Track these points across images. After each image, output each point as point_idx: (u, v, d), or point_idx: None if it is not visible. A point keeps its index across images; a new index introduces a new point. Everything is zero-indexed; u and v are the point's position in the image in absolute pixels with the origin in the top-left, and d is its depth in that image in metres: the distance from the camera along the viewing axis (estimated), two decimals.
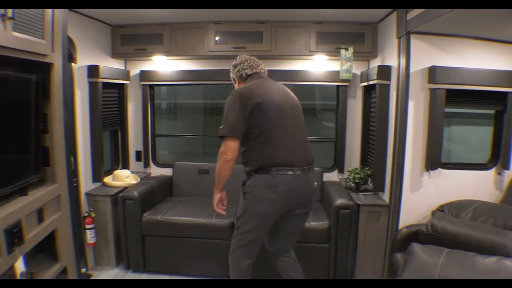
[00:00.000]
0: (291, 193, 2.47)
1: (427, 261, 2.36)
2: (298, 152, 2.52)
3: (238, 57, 2.85)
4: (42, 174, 2.31)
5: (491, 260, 2.19)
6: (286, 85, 2.75)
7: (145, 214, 3.50)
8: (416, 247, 2.53)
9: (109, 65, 3.89)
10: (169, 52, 3.92)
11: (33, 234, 2.06)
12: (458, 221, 2.70)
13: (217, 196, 2.69)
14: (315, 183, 2.63)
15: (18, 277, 1.93)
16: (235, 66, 2.83)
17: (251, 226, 2.56)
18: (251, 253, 2.65)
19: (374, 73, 3.42)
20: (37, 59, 2.12)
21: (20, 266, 1.94)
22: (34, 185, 2.26)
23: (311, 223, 3.33)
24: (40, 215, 2.16)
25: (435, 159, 3.05)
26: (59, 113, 2.40)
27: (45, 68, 2.28)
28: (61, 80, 2.40)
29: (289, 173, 2.45)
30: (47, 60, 2.22)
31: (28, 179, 2.16)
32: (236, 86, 2.83)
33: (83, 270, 3.49)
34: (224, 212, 2.76)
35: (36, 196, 2.14)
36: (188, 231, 3.42)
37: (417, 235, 2.83)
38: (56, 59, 2.32)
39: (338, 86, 4.08)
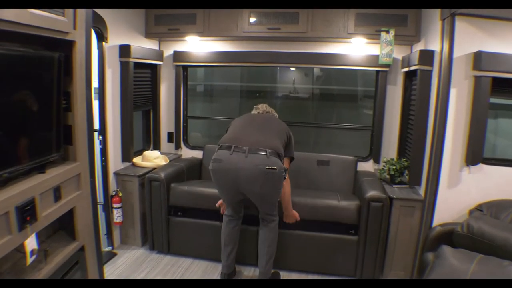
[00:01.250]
0: (224, 165, 2.77)
1: (457, 267, 2.17)
2: (247, 140, 2.81)
3: None
4: (62, 153, 2.30)
5: None
6: (322, 69, 2.68)
7: (172, 184, 3.50)
8: (446, 250, 2.34)
9: (143, 45, 3.87)
10: (202, 33, 3.84)
11: (48, 212, 2.06)
12: (497, 222, 2.47)
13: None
14: (266, 167, 2.69)
15: (28, 254, 1.93)
16: None
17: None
18: (227, 211, 3.16)
19: (415, 58, 3.18)
20: (57, 37, 2.09)
21: (31, 244, 1.94)
22: (55, 163, 2.25)
23: (341, 202, 3.27)
24: (57, 193, 2.15)
25: (476, 154, 2.81)
26: (82, 92, 2.38)
27: (68, 46, 2.26)
28: (84, 58, 2.37)
29: (225, 149, 2.80)
30: (69, 37, 2.19)
31: (47, 157, 2.15)
32: None
33: (109, 248, 3.55)
34: None
35: (54, 174, 2.13)
36: (213, 203, 3.35)
37: (451, 234, 2.64)
38: (79, 37, 2.28)
39: (377, 71, 3.85)
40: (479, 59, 2.69)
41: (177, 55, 4.16)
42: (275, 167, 2.70)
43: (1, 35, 1.75)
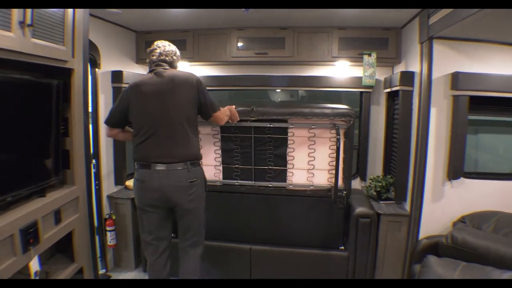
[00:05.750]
0: (148, 184, 2.54)
1: (442, 275, 2.29)
2: (163, 152, 2.53)
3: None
4: (61, 177, 2.37)
5: (509, 275, 2.10)
6: (313, 91, 2.69)
7: None
8: (431, 259, 2.47)
9: (134, 71, 3.97)
10: (192, 58, 3.96)
11: (49, 235, 2.13)
12: (479, 233, 2.61)
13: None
14: (189, 181, 2.56)
15: (32, 276, 1.98)
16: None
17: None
18: (146, 236, 2.72)
19: (397, 79, 3.35)
20: (57, 65, 2.19)
21: (34, 265, 1.99)
22: (54, 187, 2.33)
23: None
24: (57, 216, 2.22)
25: (457, 168, 2.97)
26: (80, 117, 2.47)
27: (66, 73, 2.35)
28: (82, 85, 2.47)
29: (145, 168, 2.54)
30: (67, 66, 2.29)
31: (47, 181, 2.22)
32: None
33: (103, 271, 3.57)
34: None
35: (54, 197, 2.20)
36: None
37: (437, 246, 2.76)
38: (77, 65, 2.39)
39: (361, 92, 4.01)
40: (456, 79, 2.87)
41: None
42: (196, 179, 2.60)
43: (2, 64, 1.84)
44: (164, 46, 2.73)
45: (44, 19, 2.01)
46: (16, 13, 1.77)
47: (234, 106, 3.08)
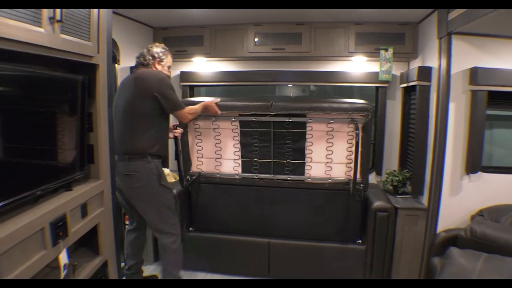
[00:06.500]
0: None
1: (465, 266, 2.32)
2: (118, 143, 2.79)
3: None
4: (86, 171, 2.41)
5: None
6: (324, 86, 2.78)
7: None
8: (454, 251, 2.49)
9: None
10: (209, 54, 3.99)
11: (76, 228, 2.16)
12: (498, 226, 2.65)
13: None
14: (124, 173, 2.83)
15: (62, 268, 2.01)
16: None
17: None
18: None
19: (414, 74, 3.35)
20: (83, 61, 2.22)
21: (63, 258, 2.02)
22: (79, 181, 2.36)
23: None
24: (83, 210, 2.25)
25: (475, 163, 2.98)
26: (104, 113, 2.49)
27: (91, 69, 2.38)
28: (106, 81, 2.49)
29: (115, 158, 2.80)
30: (93, 61, 2.31)
31: (73, 175, 2.25)
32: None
33: (122, 264, 3.60)
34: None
35: (81, 191, 2.23)
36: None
37: (455, 239, 2.80)
38: (101, 61, 2.41)
39: (377, 87, 4.01)
40: (475, 74, 2.88)
41: (184, 76, 4.27)
42: (135, 172, 2.83)
43: (30, 60, 1.86)
44: (143, 49, 3.02)
45: (72, 16, 2.04)
46: (46, 9, 1.79)
47: (219, 99, 3.29)
